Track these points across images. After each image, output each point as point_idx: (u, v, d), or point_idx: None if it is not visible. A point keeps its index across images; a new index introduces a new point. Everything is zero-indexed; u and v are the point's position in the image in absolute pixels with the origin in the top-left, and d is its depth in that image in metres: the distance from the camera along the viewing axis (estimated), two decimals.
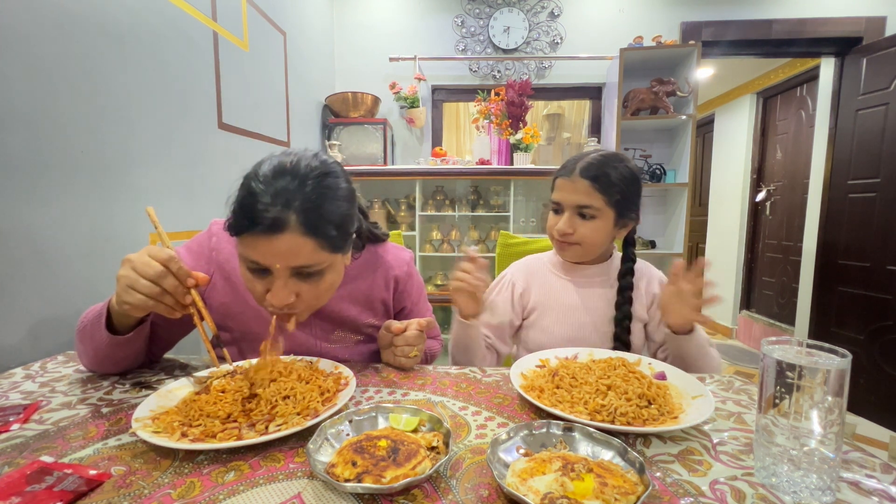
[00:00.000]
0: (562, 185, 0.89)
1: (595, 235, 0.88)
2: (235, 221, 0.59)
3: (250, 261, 0.59)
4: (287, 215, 0.56)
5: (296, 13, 2.09)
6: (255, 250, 0.58)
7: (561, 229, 0.89)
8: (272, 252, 0.57)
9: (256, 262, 0.59)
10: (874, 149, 2.29)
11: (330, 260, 0.62)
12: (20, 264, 0.83)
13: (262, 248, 0.57)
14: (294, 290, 0.61)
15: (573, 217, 0.88)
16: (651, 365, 0.72)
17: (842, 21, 2.42)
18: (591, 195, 0.85)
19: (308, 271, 0.61)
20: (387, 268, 0.84)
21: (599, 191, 0.85)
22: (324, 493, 0.42)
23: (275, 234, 0.56)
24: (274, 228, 0.55)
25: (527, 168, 2.35)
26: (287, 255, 0.57)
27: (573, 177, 0.87)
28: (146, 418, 0.52)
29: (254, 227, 0.56)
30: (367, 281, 0.81)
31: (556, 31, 2.58)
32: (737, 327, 3.66)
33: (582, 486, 0.38)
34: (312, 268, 0.60)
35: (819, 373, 0.41)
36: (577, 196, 0.86)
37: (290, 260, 0.58)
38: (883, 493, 0.43)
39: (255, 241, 0.57)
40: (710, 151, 4.07)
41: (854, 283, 2.40)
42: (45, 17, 0.88)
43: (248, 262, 0.60)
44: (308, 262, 0.59)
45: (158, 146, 1.19)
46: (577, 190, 0.86)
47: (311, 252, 0.58)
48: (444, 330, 2.57)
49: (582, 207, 0.87)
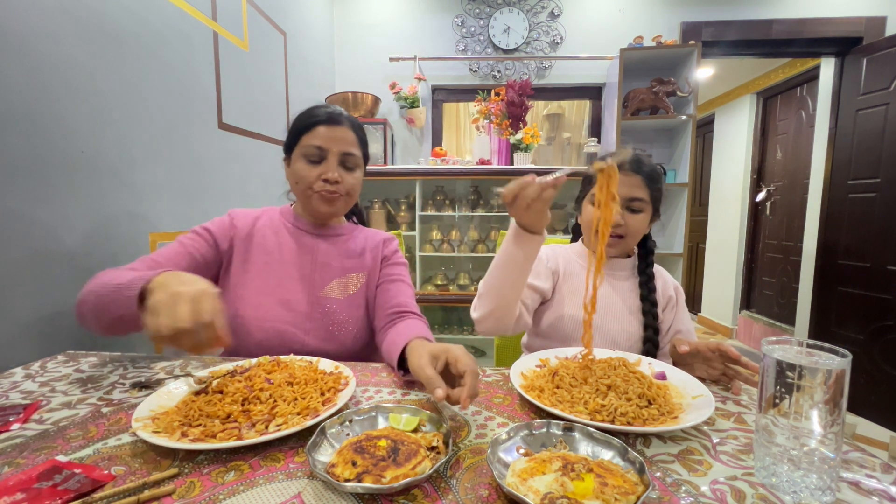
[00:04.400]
0: None
1: (641, 228, 0.92)
2: (301, 123, 0.85)
3: (313, 147, 0.83)
4: (341, 116, 0.86)
5: (296, 13, 2.09)
6: (318, 137, 0.83)
7: (615, 221, 0.88)
8: (331, 137, 0.83)
9: (318, 147, 0.83)
10: (874, 149, 2.29)
11: (360, 161, 0.89)
12: (20, 264, 0.83)
13: (323, 134, 0.83)
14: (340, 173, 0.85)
15: (623, 210, 0.90)
16: (651, 365, 0.72)
17: (842, 21, 2.42)
18: (642, 188, 0.89)
19: (349, 163, 0.86)
20: (373, 233, 1.00)
21: (647, 185, 0.89)
22: (324, 493, 0.42)
23: (334, 125, 0.84)
24: (334, 121, 0.84)
25: (527, 168, 2.34)
26: (341, 141, 0.84)
27: (626, 171, 0.89)
28: (146, 418, 0.52)
29: (321, 120, 0.83)
30: (359, 239, 0.97)
31: (556, 31, 2.58)
32: (737, 327, 3.66)
33: (582, 486, 0.38)
34: (352, 159, 0.86)
35: (819, 373, 0.41)
36: (630, 189, 0.89)
37: (342, 146, 0.84)
38: (883, 493, 0.43)
39: (318, 131, 0.83)
40: (710, 151, 4.07)
41: (854, 283, 2.40)
42: (45, 17, 0.88)
43: (308, 151, 0.84)
44: (352, 151, 0.86)
45: (158, 146, 1.19)
46: (632, 183, 0.89)
47: (354, 144, 0.86)
48: (444, 330, 2.57)
49: (633, 200, 0.89)
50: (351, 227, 0.97)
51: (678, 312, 0.97)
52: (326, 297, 0.88)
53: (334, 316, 0.87)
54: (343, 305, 0.88)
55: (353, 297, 0.90)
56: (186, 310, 0.52)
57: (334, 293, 0.89)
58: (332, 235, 0.93)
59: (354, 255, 0.93)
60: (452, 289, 2.46)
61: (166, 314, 0.52)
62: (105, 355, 0.82)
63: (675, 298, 0.98)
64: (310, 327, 0.85)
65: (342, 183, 0.85)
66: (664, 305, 0.95)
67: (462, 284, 2.47)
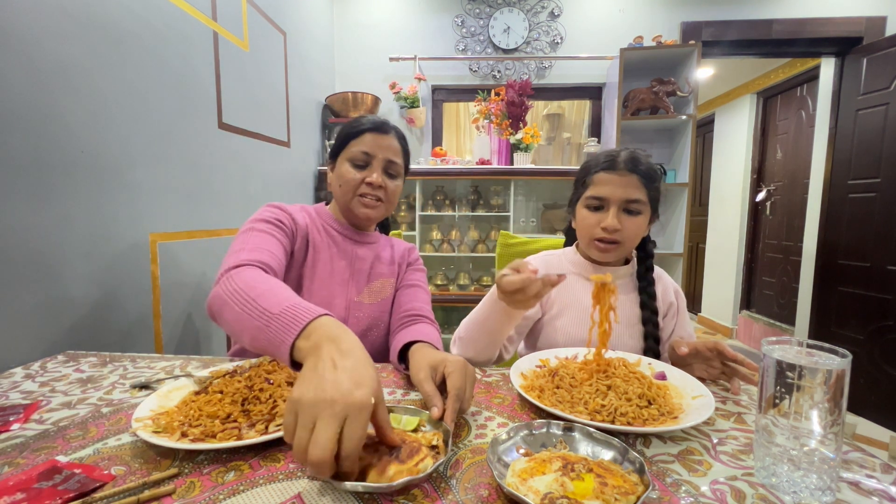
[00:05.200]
0: (607, 180, 0.84)
1: (639, 232, 0.86)
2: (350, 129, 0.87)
3: (361, 153, 0.85)
4: (388, 126, 0.88)
5: (296, 13, 2.09)
6: (366, 143, 0.85)
7: (610, 225, 0.83)
8: (378, 144, 0.86)
9: (365, 153, 0.85)
10: (874, 149, 2.29)
11: (401, 171, 0.91)
12: (20, 264, 0.83)
13: (371, 141, 0.86)
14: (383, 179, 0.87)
15: (620, 213, 0.84)
16: (651, 365, 0.72)
17: (842, 21, 2.42)
18: (640, 189, 0.83)
19: (392, 171, 0.89)
20: (398, 242, 1.04)
21: (645, 185, 0.83)
22: (324, 493, 0.42)
23: (382, 133, 0.87)
24: (382, 129, 0.87)
25: (527, 168, 2.35)
26: (387, 149, 0.87)
27: (620, 170, 0.83)
28: (146, 418, 0.52)
29: (369, 128, 0.86)
30: (388, 248, 1.00)
31: (557, 31, 2.58)
32: (737, 327, 3.66)
33: (582, 486, 0.38)
34: (395, 167, 0.89)
35: (819, 373, 0.41)
36: (626, 190, 0.83)
37: (388, 153, 0.87)
38: (883, 493, 0.43)
39: (366, 137, 0.86)
40: (710, 151, 4.06)
41: (854, 283, 2.40)
42: (45, 17, 0.88)
43: (354, 156, 0.86)
44: (396, 160, 0.88)
45: (158, 146, 1.19)
46: (628, 184, 0.83)
47: (398, 153, 0.89)
48: (444, 330, 2.57)
49: (630, 202, 0.83)
50: (379, 236, 0.99)
51: (679, 319, 0.92)
52: (360, 302, 0.90)
53: (365, 321, 0.89)
54: (373, 311, 0.90)
55: (382, 304, 0.92)
56: (332, 434, 0.38)
57: (366, 298, 0.90)
58: (366, 242, 0.94)
59: (385, 262, 0.96)
60: (452, 289, 2.46)
61: (306, 428, 0.39)
62: (105, 355, 0.82)
63: (676, 304, 0.93)
64: None
65: (385, 189, 0.87)
66: (665, 312, 0.91)
67: (462, 284, 2.47)
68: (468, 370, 0.58)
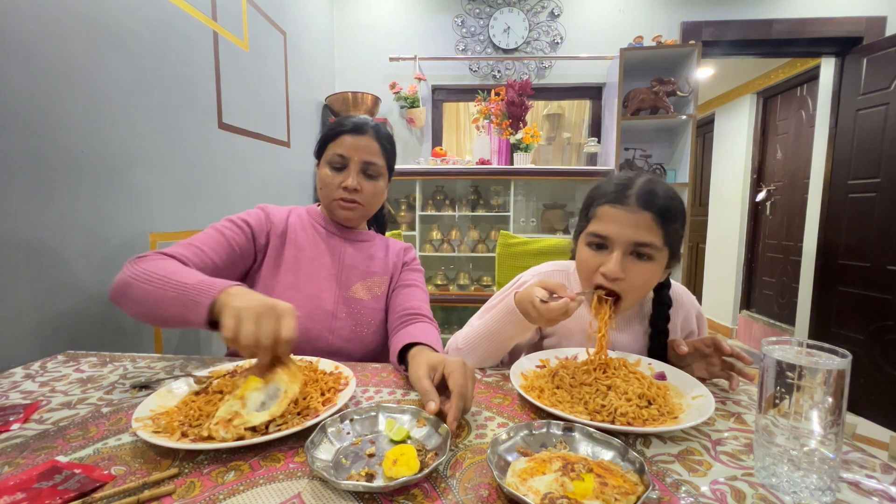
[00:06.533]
0: (613, 216, 0.70)
1: (648, 281, 0.72)
2: (329, 131, 0.87)
3: (336, 156, 0.86)
4: (367, 126, 0.87)
5: (296, 13, 2.09)
6: (342, 146, 0.85)
7: (611, 272, 0.69)
8: (354, 146, 0.85)
9: (341, 156, 0.85)
10: (874, 149, 2.29)
11: (383, 170, 0.90)
12: (20, 264, 0.83)
13: (347, 143, 0.85)
14: (360, 182, 0.86)
15: (626, 257, 0.70)
16: (651, 365, 0.72)
17: (842, 21, 2.42)
18: (653, 230, 0.68)
19: (371, 171, 0.88)
20: (394, 242, 1.03)
21: (661, 225, 0.68)
22: (324, 493, 0.42)
23: (359, 134, 0.86)
24: (358, 130, 0.86)
25: (527, 168, 2.35)
26: (363, 150, 0.86)
27: (630, 206, 0.69)
28: (146, 418, 0.52)
29: (345, 129, 0.86)
30: (381, 247, 0.99)
31: (556, 31, 2.58)
32: (737, 327, 3.66)
33: (582, 486, 0.38)
34: (374, 167, 0.88)
35: (819, 373, 0.41)
36: (636, 232, 0.68)
37: (364, 154, 0.86)
38: (883, 493, 0.43)
39: (343, 140, 0.85)
40: (710, 151, 4.06)
41: (854, 283, 2.40)
42: (45, 17, 0.88)
43: (332, 159, 0.86)
44: (374, 161, 0.87)
45: (158, 146, 1.19)
46: (638, 224, 0.68)
47: (377, 153, 0.87)
48: (444, 330, 2.57)
49: (640, 246, 0.69)
50: (373, 235, 1.00)
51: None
52: (352, 297, 0.90)
53: (359, 316, 0.89)
54: (368, 306, 0.91)
55: (378, 299, 0.93)
56: (272, 326, 0.53)
57: (360, 294, 0.91)
58: (357, 241, 0.95)
59: (378, 259, 0.96)
60: (452, 289, 2.46)
61: (253, 322, 0.53)
62: (105, 355, 0.82)
63: (696, 333, 0.85)
64: (335, 326, 0.86)
65: (361, 192, 0.87)
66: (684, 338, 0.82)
67: (462, 284, 2.47)
68: (468, 369, 0.58)
